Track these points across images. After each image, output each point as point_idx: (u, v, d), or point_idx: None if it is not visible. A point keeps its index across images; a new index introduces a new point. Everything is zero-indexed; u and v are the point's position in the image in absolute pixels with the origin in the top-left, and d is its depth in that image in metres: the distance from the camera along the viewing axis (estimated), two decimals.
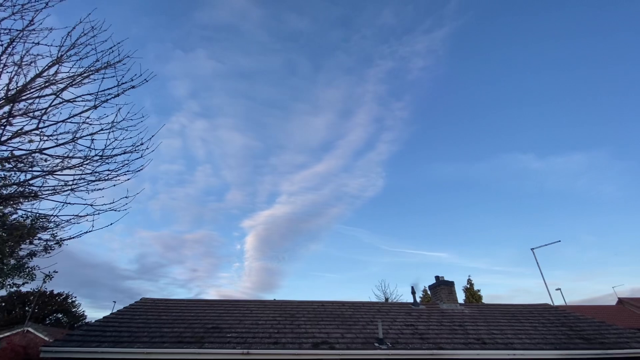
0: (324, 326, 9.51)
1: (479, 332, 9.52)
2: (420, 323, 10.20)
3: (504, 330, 9.86)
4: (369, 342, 8.35)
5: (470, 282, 23.68)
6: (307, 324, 9.69)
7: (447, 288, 13.05)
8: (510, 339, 9.11)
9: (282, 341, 8.12)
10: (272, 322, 9.76)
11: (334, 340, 8.30)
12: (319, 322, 9.91)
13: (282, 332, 8.88)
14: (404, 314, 11.18)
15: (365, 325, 9.77)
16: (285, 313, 10.71)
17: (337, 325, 9.67)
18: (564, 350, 8.44)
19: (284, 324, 9.54)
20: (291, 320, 9.97)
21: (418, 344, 8.41)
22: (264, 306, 11.54)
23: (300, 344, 8.03)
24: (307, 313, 10.78)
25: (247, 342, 8.04)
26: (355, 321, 10.14)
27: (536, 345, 8.65)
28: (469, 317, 11.13)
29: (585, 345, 8.76)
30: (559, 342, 8.98)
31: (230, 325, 9.30)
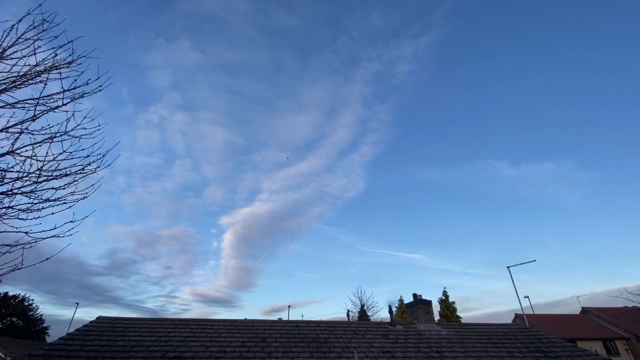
0: (296, 354, 8.92)
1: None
2: (397, 349, 9.81)
3: (481, 357, 9.63)
4: None
5: (445, 295, 23.78)
6: (279, 351, 9.07)
7: (424, 307, 12.80)
8: None
9: None
10: (241, 349, 9.06)
11: None
12: (292, 348, 9.31)
13: None
14: (380, 337, 10.77)
15: (341, 352, 9.26)
16: (257, 337, 10.02)
17: (310, 352, 9.11)
18: None
19: (253, 352, 8.86)
20: (262, 346, 9.31)
21: None
22: (233, 327, 10.79)
23: None
24: (280, 337, 10.15)
25: None
26: (331, 347, 9.61)
27: None
28: (446, 341, 10.87)
29: None
30: None
31: (195, 354, 8.53)
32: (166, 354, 8.45)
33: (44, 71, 5.19)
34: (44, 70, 5.24)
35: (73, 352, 8.18)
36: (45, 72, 5.23)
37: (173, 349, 8.76)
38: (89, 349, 8.41)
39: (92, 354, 8.13)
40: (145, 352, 8.51)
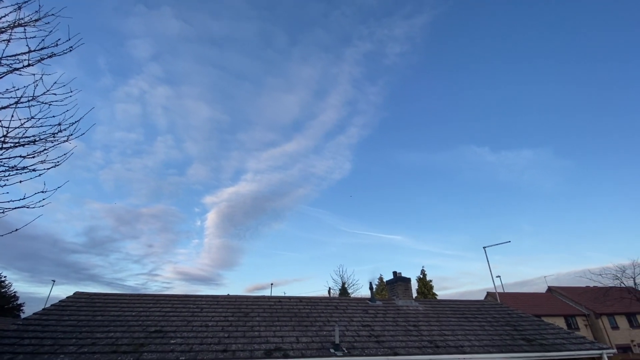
0: (279, 328, 9.08)
1: (432, 334, 9.67)
2: (376, 323, 10.16)
3: (455, 330, 10.13)
4: (325, 347, 8.07)
5: (423, 273, 24.71)
6: (262, 325, 9.21)
7: (403, 284, 13.23)
8: (460, 341, 9.35)
9: (232, 348, 7.56)
10: (224, 323, 9.14)
11: (288, 346, 7.90)
12: (274, 322, 9.47)
13: (234, 335, 8.31)
14: (361, 312, 11.11)
15: (322, 326, 9.50)
16: (239, 312, 10.12)
17: (292, 326, 9.30)
18: (508, 353, 8.81)
19: (236, 326, 8.96)
20: (244, 320, 9.42)
21: (374, 348, 8.29)
22: (216, 303, 10.84)
23: (252, 350, 7.52)
24: (263, 311, 10.29)
25: (192, 350, 7.36)
26: (312, 321, 9.84)
27: (484, 348, 8.95)
28: (423, 315, 11.34)
29: (527, 347, 9.23)
30: (504, 344, 9.38)
31: (176, 328, 8.53)
32: (147, 328, 8.42)
33: (6, 28, 4.75)
34: (7, 27, 4.79)
35: (49, 327, 8.02)
36: (8, 29, 4.78)
37: (154, 324, 8.73)
38: (65, 324, 8.26)
39: (69, 329, 7.99)
40: (125, 326, 8.44)
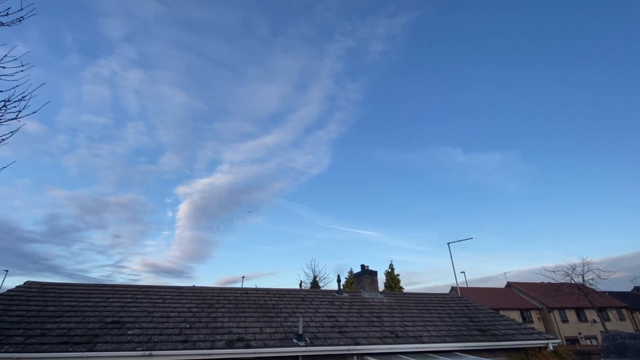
0: (243, 319, 9.05)
1: (394, 325, 10.00)
2: (341, 314, 10.37)
3: (415, 321, 10.53)
4: (288, 337, 8.14)
5: (391, 267, 25.43)
6: (226, 316, 9.13)
7: (370, 277, 13.55)
8: (420, 331, 9.74)
9: (193, 339, 7.45)
10: (187, 314, 8.98)
11: (251, 337, 7.89)
12: (239, 313, 9.42)
13: (196, 326, 8.19)
14: (327, 304, 11.28)
15: (288, 317, 9.57)
16: (204, 303, 9.98)
17: (257, 317, 9.29)
18: (463, 342, 9.30)
19: (199, 317, 8.83)
20: (208, 312, 9.30)
21: (336, 338, 8.47)
22: (180, 294, 10.62)
23: (214, 341, 7.45)
24: (228, 303, 10.20)
25: (151, 340, 7.18)
26: (278, 312, 9.88)
27: (441, 338, 9.39)
28: (387, 307, 11.69)
29: (481, 337, 9.78)
30: (460, 334, 9.88)
31: (136, 319, 8.28)
32: (103, 319, 8.11)
33: None
34: None
35: None
36: None
37: (112, 314, 8.43)
38: (13, 314, 7.79)
39: (16, 319, 7.55)
40: (80, 317, 8.09)
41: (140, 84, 70.48)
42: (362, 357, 8.38)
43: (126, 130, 74.03)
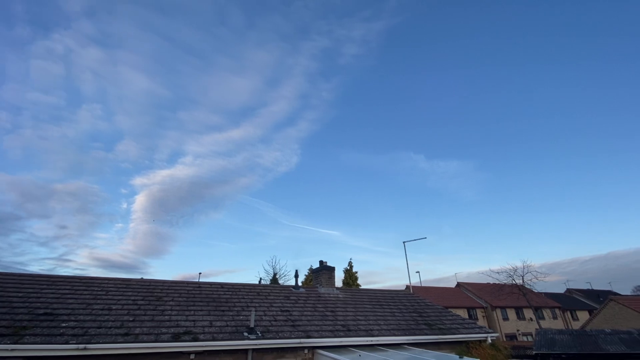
0: (193, 312, 8.73)
1: (347, 319, 10.20)
2: (296, 309, 10.37)
3: (368, 316, 10.82)
4: (239, 331, 7.99)
5: (350, 264, 25.96)
6: (175, 309, 8.75)
7: (327, 273, 13.71)
8: (371, 325, 10.02)
9: (135, 332, 7.05)
10: (132, 307, 8.48)
11: (199, 330, 7.64)
12: (189, 307, 9.08)
13: (140, 319, 7.76)
14: (282, 298, 11.23)
15: (241, 311, 9.38)
16: (151, 296, 9.49)
17: (209, 311, 9.01)
18: (411, 336, 9.71)
19: (145, 310, 8.38)
20: (156, 305, 8.86)
21: (288, 332, 8.45)
22: (125, 286, 10.01)
23: (159, 334, 7.11)
24: (178, 296, 9.79)
25: (87, 333, 6.69)
26: (231, 306, 9.66)
27: (390, 331, 9.73)
28: (342, 302, 11.89)
29: (428, 331, 10.28)
30: (408, 328, 10.31)
31: (72, 311, 7.67)
32: (34, 310, 7.42)
33: None
34: None
35: None
36: None
37: (45, 306, 7.73)
38: None
39: None
40: (7, 307, 7.34)
41: (98, 64, 65.43)
42: (313, 350, 8.45)
43: (80, 113, 68.31)
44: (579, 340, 14.86)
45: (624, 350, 13.35)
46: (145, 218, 79.81)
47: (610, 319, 25.94)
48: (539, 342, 15.41)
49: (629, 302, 26.68)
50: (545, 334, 16.41)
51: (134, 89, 68.91)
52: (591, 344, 14.12)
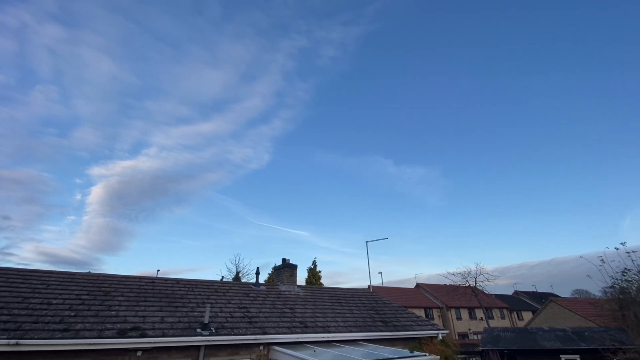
0: (144, 308, 8.34)
1: (305, 316, 10.24)
2: (254, 305, 10.24)
3: (326, 313, 10.94)
4: (192, 327, 7.75)
5: (314, 264, 26.09)
6: (123, 305, 8.31)
7: (289, 270, 13.66)
8: (329, 322, 10.14)
9: (76, 327, 6.61)
10: (74, 301, 7.93)
11: (149, 326, 7.31)
12: (140, 302, 8.66)
13: (83, 314, 7.28)
14: (241, 295, 11.04)
15: (195, 307, 9.10)
16: (98, 290, 8.93)
17: (161, 307, 8.65)
18: (367, 332, 9.95)
19: (89, 305, 7.87)
20: (102, 300, 8.36)
21: (244, 328, 8.34)
22: (70, 280, 9.35)
23: (102, 330, 6.72)
24: (129, 292, 9.30)
25: (21, 328, 6.17)
26: (186, 302, 9.34)
27: (347, 328, 9.91)
28: (302, 300, 11.92)
29: (383, 328, 10.59)
30: (365, 324, 10.56)
31: (5, 305, 7.02)
32: None
33: None
34: None
35: None
36: None
37: None
38: None
39: None
40: None
41: (57, 43, 60.32)
42: (269, 346, 8.40)
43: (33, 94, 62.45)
44: (520, 337, 16.03)
45: (559, 346, 14.61)
46: (102, 211, 74.93)
47: (550, 319, 28.20)
48: (486, 339, 16.44)
49: (566, 304, 29.17)
50: (491, 332, 17.53)
51: (96, 72, 64.28)
52: (531, 341, 15.30)
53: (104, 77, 64.17)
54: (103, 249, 78.19)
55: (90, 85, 65.92)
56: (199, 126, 75.82)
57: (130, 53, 67.49)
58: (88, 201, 76.45)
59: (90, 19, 60.15)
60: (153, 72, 71.17)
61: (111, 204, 75.96)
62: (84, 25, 60.51)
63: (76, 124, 69.33)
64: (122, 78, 65.10)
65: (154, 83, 72.03)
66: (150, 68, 69.39)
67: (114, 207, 76.60)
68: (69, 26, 59.73)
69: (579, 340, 14.69)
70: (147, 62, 68.99)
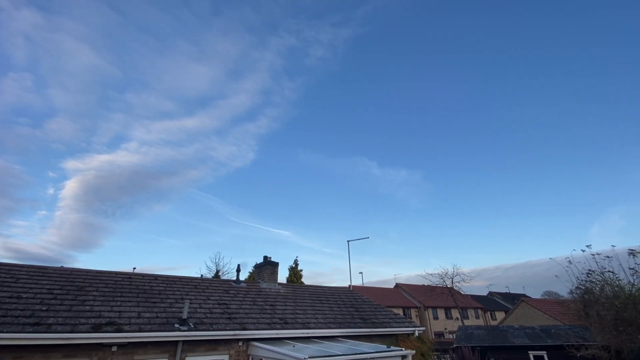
0: (119, 303, 8.15)
1: (285, 313, 10.29)
2: (234, 302, 10.20)
3: (306, 310, 11.02)
4: (170, 322, 7.65)
5: (296, 262, 26.12)
6: (98, 299, 8.10)
7: (270, 268, 13.65)
8: (309, 318, 10.24)
9: (48, 322, 6.40)
10: (46, 296, 7.66)
11: (124, 321, 7.17)
12: (116, 298, 8.46)
13: (55, 309, 7.06)
14: (221, 292, 10.96)
15: (174, 303, 8.98)
16: (71, 285, 8.66)
17: (138, 302, 8.48)
18: (346, 328, 10.11)
19: (61, 300, 7.63)
20: (76, 294, 8.11)
21: (223, 324, 8.30)
22: (41, 274, 9.01)
23: (76, 324, 6.54)
24: (104, 287, 9.06)
25: None
26: (164, 298, 9.19)
27: (327, 325, 10.03)
28: (282, 297, 11.95)
29: (362, 324, 10.78)
30: (344, 321, 10.71)
31: None
32: None
33: None
34: None
35: None
36: None
37: None
38: None
39: None
40: None
41: (34, 30, 57.54)
42: (248, 342, 8.40)
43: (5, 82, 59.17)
44: (492, 334, 16.68)
45: (528, 342, 15.30)
46: (76, 206, 72.00)
47: (521, 318, 29.38)
48: (460, 336, 17.00)
49: (536, 304, 30.47)
50: (465, 330, 18.12)
51: (74, 62, 61.66)
52: (501, 338, 15.94)
53: (84, 67, 61.77)
54: (76, 246, 75.20)
55: (68, 75, 63.33)
56: (182, 121, 74.22)
57: (112, 43, 65.30)
58: (61, 195, 73.37)
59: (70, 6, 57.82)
60: (136, 65, 69.13)
61: (86, 199, 73.18)
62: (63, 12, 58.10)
63: (51, 115, 66.38)
64: (102, 69, 62.85)
65: (136, 75, 69.98)
66: (133, 60, 67.37)
67: (89, 202, 73.85)
68: (47, 12, 57.21)
69: (546, 337, 15.43)
70: (130, 53, 66.91)
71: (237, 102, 79.11)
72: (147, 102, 70.68)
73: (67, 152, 69.23)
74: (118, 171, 73.95)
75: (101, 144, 71.93)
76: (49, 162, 72.73)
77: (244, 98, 78.69)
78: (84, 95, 65.47)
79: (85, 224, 76.57)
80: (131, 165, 74.41)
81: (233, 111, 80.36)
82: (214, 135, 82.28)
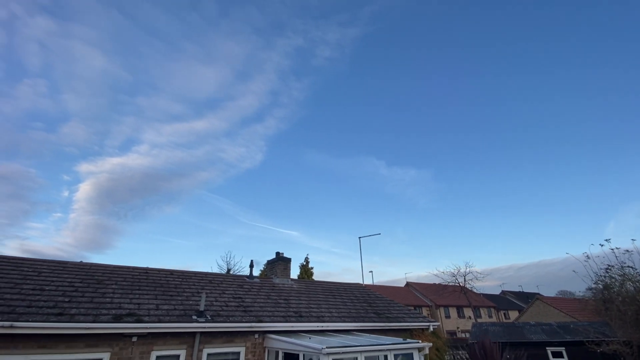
0: (138, 296, 8.30)
1: (300, 307, 10.32)
2: (249, 296, 10.27)
3: (320, 305, 11.03)
4: (188, 314, 7.75)
5: (307, 260, 26.19)
6: (117, 292, 8.25)
7: (283, 264, 13.71)
8: (323, 312, 10.24)
9: (71, 312, 6.55)
10: (68, 288, 7.84)
11: (144, 312, 7.29)
12: (134, 291, 8.61)
13: (77, 301, 7.22)
14: (235, 286, 11.05)
15: (190, 296, 9.09)
16: (91, 279, 8.84)
17: (156, 295, 8.62)
18: (360, 322, 10.08)
19: (83, 292, 7.80)
20: (96, 287, 8.28)
21: (239, 316, 8.37)
22: (62, 268, 9.22)
23: (98, 315, 6.68)
24: (122, 280, 9.23)
25: (15, 312, 6.10)
26: (180, 292, 9.32)
27: (341, 318, 10.02)
28: (295, 292, 11.99)
29: (376, 319, 10.73)
30: (358, 315, 10.69)
31: None
32: None
33: None
34: None
35: None
36: None
37: None
38: None
39: None
40: None
41: (47, 36, 58.89)
42: (264, 334, 8.45)
43: (20, 88, 60.71)
44: (508, 330, 16.41)
45: (545, 339, 15.00)
46: (90, 208, 73.40)
47: (536, 316, 28.86)
48: (475, 332, 16.77)
49: (551, 302, 29.89)
50: (480, 326, 17.88)
51: (87, 67, 62.89)
52: (518, 334, 15.67)
53: (95, 71, 62.91)
54: (90, 247, 76.62)
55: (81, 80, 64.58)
56: (192, 124, 75.00)
57: (123, 48, 66.38)
58: (75, 198, 74.82)
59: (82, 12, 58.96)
60: (146, 68, 70.09)
61: (99, 201, 74.55)
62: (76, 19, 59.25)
63: (65, 119, 67.80)
64: (113, 73, 63.93)
65: (146, 79, 70.98)
66: (143, 64, 68.35)
67: (102, 204, 75.21)
68: (60, 18, 58.41)
69: (564, 333, 15.11)
70: (140, 57, 67.90)
71: (245, 104, 79.62)
72: (157, 105, 71.65)
73: (81, 156, 70.65)
74: (130, 174, 75.18)
75: (113, 147, 73.25)
76: (63, 166, 74.33)
77: (251, 99, 79.15)
78: (96, 100, 66.73)
79: (99, 225, 78.04)
80: (142, 168, 75.56)
81: (241, 113, 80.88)
82: (223, 137, 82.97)
